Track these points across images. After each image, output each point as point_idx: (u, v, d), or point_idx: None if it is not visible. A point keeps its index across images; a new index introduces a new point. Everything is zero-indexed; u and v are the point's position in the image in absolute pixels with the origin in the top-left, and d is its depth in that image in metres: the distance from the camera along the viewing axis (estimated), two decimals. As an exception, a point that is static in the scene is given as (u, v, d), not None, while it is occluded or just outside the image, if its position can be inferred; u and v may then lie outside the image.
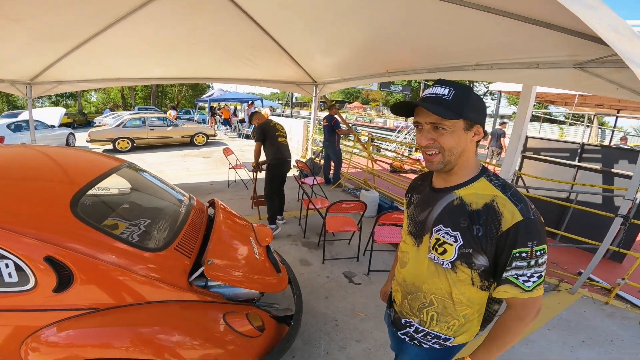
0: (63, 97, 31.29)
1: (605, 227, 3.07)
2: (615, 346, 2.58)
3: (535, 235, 0.91)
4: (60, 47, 4.34)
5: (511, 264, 0.93)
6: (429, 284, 1.09)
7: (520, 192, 0.98)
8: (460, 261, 1.00)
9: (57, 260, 1.37)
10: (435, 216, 1.05)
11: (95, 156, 2.42)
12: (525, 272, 0.92)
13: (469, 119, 0.95)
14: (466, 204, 0.99)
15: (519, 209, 0.92)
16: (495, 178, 1.02)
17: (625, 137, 10.97)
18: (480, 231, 0.95)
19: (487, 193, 0.97)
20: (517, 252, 0.91)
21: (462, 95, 0.94)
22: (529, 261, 0.91)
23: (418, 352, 1.22)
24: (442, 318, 1.10)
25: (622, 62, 2.37)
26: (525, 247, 0.91)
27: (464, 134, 0.97)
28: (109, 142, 10.48)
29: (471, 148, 1.01)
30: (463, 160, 1.01)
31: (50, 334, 1.37)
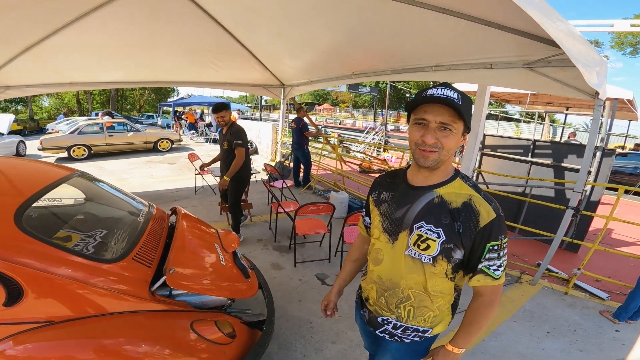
0: (12, 102, 29.04)
1: (559, 219, 3.24)
2: (579, 336, 2.70)
3: (504, 230, 1.03)
4: (5, 51, 4.03)
5: (485, 256, 1.03)
6: (407, 279, 1.14)
7: (488, 194, 1.09)
8: (441, 256, 1.06)
9: (4, 274, 1.31)
10: (416, 213, 1.09)
11: (42, 166, 2.27)
12: (495, 262, 1.04)
13: (467, 125, 1.03)
14: (447, 202, 1.06)
15: (492, 207, 1.02)
16: (467, 179, 1.11)
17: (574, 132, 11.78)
18: (461, 227, 1.03)
19: (463, 192, 1.06)
20: (491, 246, 1.02)
21: (468, 102, 1.02)
22: (499, 252, 1.03)
23: (399, 347, 1.25)
24: (418, 311, 1.16)
25: (567, 61, 2.56)
26: (497, 240, 1.02)
27: (460, 138, 1.03)
28: (63, 150, 9.82)
29: (454, 149, 1.07)
30: (448, 161, 1.08)
31: (6, 348, 1.31)
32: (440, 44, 3.30)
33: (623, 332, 2.78)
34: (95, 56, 4.68)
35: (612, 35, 21.94)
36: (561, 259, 4.07)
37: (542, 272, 3.46)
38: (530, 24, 2.28)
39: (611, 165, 4.25)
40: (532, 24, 2.25)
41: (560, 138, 13.02)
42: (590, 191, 4.36)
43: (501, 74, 3.06)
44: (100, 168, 8.58)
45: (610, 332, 2.77)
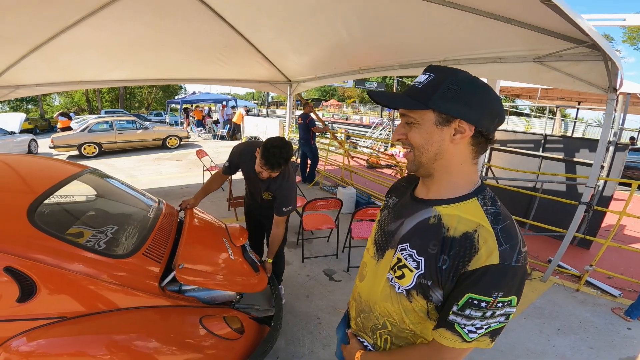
0: (23, 101, 29.55)
1: (571, 214, 3.20)
2: (590, 333, 2.67)
3: (506, 286, 0.72)
4: (15, 50, 4.09)
5: (463, 310, 0.74)
6: (381, 306, 0.92)
7: (517, 229, 0.76)
8: (416, 291, 0.82)
9: (17, 270, 1.33)
10: (405, 232, 0.87)
11: (54, 163, 2.32)
12: (476, 322, 0.74)
13: (439, 111, 0.75)
14: (443, 226, 0.79)
15: (500, 250, 0.71)
16: (491, 203, 0.80)
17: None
18: (447, 263, 0.76)
19: (472, 219, 0.77)
20: (475, 299, 0.72)
21: (436, 81, 0.75)
22: (486, 312, 0.72)
23: None
24: (396, 341, 0.93)
25: (579, 55, 2.52)
26: (488, 296, 0.71)
27: (436, 130, 0.77)
28: (74, 148, 9.98)
29: (454, 152, 0.79)
30: (440, 167, 0.81)
31: (20, 344, 1.33)
32: (448, 38, 3.26)
33: (634, 329, 2.73)
34: (103, 54, 4.73)
35: (624, 30, 21.44)
36: (573, 255, 4.01)
37: (553, 268, 3.41)
38: (541, 17, 2.24)
39: (624, 160, 4.16)
40: (542, 17, 2.22)
41: (572, 133, 12.79)
42: (602, 186, 4.28)
43: (511, 68, 3.01)
44: (111, 165, 8.70)
45: (622, 330, 2.73)
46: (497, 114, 0.77)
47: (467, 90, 0.74)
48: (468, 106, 0.74)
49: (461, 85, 0.74)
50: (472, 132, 0.76)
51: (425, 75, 0.78)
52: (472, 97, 0.74)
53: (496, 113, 0.77)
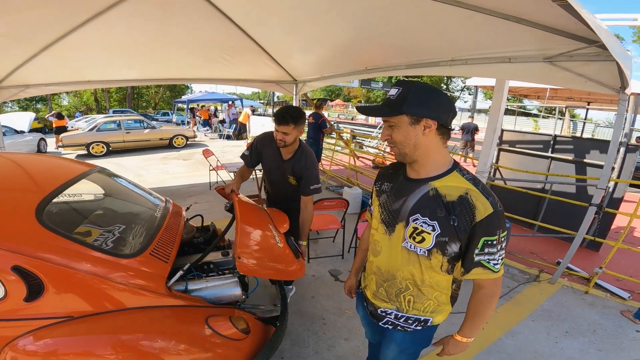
0: (32, 101, 29.97)
1: (580, 216, 3.15)
2: (598, 336, 2.64)
3: (502, 224, 1.03)
4: (24, 51, 4.14)
5: (483, 250, 1.03)
6: (404, 271, 1.17)
7: (487, 187, 1.07)
8: (436, 249, 1.08)
9: (25, 269, 1.33)
10: (412, 206, 1.11)
11: (62, 162, 2.32)
12: (494, 256, 1.05)
13: (410, 114, 1.03)
14: (441, 195, 1.06)
15: (490, 202, 1.01)
16: (466, 172, 1.09)
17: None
18: (456, 221, 1.03)
19: (460, 186, 1.05)
20: (488, 240, 1.02)
21: (407, 93, 1.03)
22: (497, 247, 1.03)
23: (403, 337, 1.31)
24: (418, 300, 1.20)
25: (590, 55, 2.48)
26: (495, 235, 1.02)
27: (411, 129, 1.04)
28: (82, 147, 10.10)
29: (427, 142, 1.06)
30: (421, 154, 1.08)
31: (27, 343, 1.33)
32: (456, 37, 3.22)
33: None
34: (111, 54, 4.76)
35: (634, 30, 21.08)
36: (582, 257, 3.95)
37: (562, 270, 3.37)
38: (552, 16, 2.20)
39: (635, 161, 4.09)
40: (553, 16, 2.18)
41: (582, 133, 12.62)
42: (613, 188, 4.21)
43: (520, 68, 2.97)
44: (118, 164, 8.78)
45: (631, 333, 2.69)
46: (449, 110, 1.06)
47: (426, 96, 1.03)
48: (428, 108, 1.03)
49: (422, 93, 1.03)
50: (436, 125, 1.04)
51: (396, 89, 1.06)
52: (430, 101, 1.03)
53: (449, 109, 1.06)
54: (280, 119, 2.13)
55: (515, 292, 3.22)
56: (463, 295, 1.24)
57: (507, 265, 3.74)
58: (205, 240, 2.29)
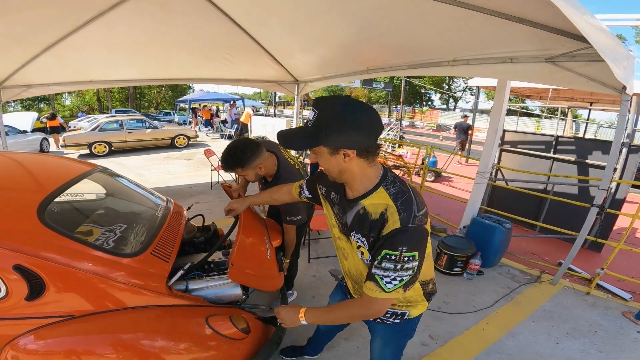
0: (35, 101, 30.08)
1: (582, 217, 3.14)
2: (599, 337, 2.64)
3: (408, 243, 1.00)
4: (27, 50, 4.16)
5: (381, 263, 1.02)
6: (364, 275, 1.18)
7: (412, 199, 1.05)
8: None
9: (26, 268, 1.34)
10: (349, 223, 1.17)
11: (64, 162, 2.33)
12: (390, 274, 1.01)
13: (327, 146, 1.00)
14: (368, 213, 1.08)
15: (401, 218, 1.00)
16: (392, 185, 1.08)
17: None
18: (374, 238, 1.07)
19: (382, 202, 1.05)
20: (388, 254, 1.00)
21: (323, 121, 0.98)
22: (397, 265, 1.00)
23: (384, 329, 1.40)
24: None
25: (592, 55, 2.46)
26: (397, 250, 0.99)
27: (331, 158, 1.02)
28: (84, 147, 10.13)
29: (351, 167, 1.05)
30: (348, 178, 1.09)
31: (27, 342, 1.34)
32: (457, 38, 3.22)
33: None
34: (113, 54, 4.78)
35: (636, 30, 20.98)
36: (583, 258, 3.94)
37: (564, 271, 3.36)
38: (553, 16, 2.19)
39: (637, 162, 4.08)
40: (554, 16, 2.17)
41: (584, 134, 12.58)
42: (615, 189, 4.20)
43: (522, 69, 2.96)
44: (120, 164, 8.81)
45: (632, 334, 2.69)
46: (370, 131, 1.00)
47: (343, 123, 0.96)
48: (346, 136, 0.98)
49: (338, 120, 0.96)
50: (355, 153, 1.01)
51: (312, 112, 1.01)
52: (347, 128, 0.97)
53: (369, 131, 1.00)
54: (224, 168, 2.00)
55: (516, 292, 3.21)
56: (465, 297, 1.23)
57: (508, 266, 3.73)
58: (206, 240, 2.29)
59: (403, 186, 1.08)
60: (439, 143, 15.87)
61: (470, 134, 10.52)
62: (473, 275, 3.42)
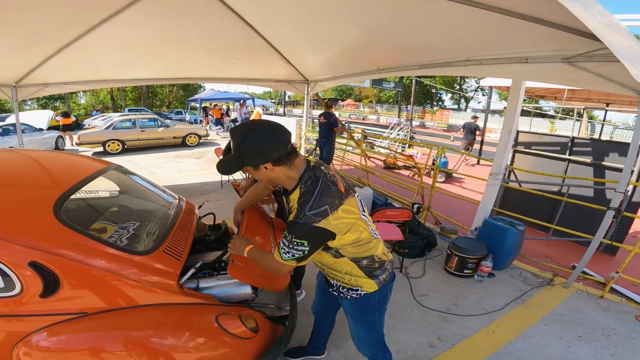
0: (51, 99, 30.78)
1: (598, 220, 3.08)
2: (612, 340, 2.58)
3: (294, 231, 1.29)
4: (43, 50, 4.26)
5: (282, 240, 1.34)
6: (317, 258, 1.51)
7: (310, 200, 1.29)
8: None
9: (42, 265, 1.35)
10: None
11: (80, 159, 2.37)
12: (285, 248, 1.33)
13: (249, 165, 1.29)
14: (290, 207, 1.36)
15: (294, 215, 1.30)
16: (304, 185, 1.33)
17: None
18: None
19: (294, 199, 1.32)
20: (285, 234, 1.32)
21: (237, 148, 1.27)
22: (288, 244, 1.31)
23: (349, 304, 1.63)
24: (336, 277, 1.57)
25: (610, 56, 2.39)
26: (288, 234, 1.30)
27: (258, 172, 1.31)
28: (99, 145, 10.34)
29: (275, 174, 1.31)
30: (278, 182, 1.37)
31: (40, 339, 1.36)
32: (470, 38, 3.17)
33: (661, 339, 2.61)
34: (127, 53, 4.86)
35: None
36: (597, 261, 3.85)
37: (577, 274, 3.29)
38: (569, 17, 2.14)
39: (656, 165, 3.95)
40: (570, 17, 2.11)
41: (600, 135, 12.28)
42: (632, 191, 4.09)
43: (538, 69, 2.89)
44: (133, 162, 8.95)
45: (646, 338, 2.62)
46: (276, 144, 1.26)
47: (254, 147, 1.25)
48: (260, 155, 1.26)
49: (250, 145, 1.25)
50: (272, 165, 1.28)
51: (232, 141, 1.30)
52: (258, 150, 1.25)
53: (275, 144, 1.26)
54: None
55: (528, 295, 3.16)
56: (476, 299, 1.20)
57: (520, 268, 3.67)
58: (216, 239, 2.31)
59: (311, 186, 1.32)
60: (449, 143, 15.69)
61: (478, 135, 10.53)
62: (484, 278, 3.38)
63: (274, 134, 1.28)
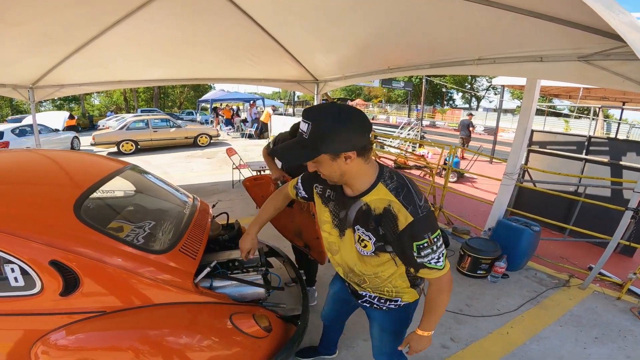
0: (66, 100, 31.48)
1: (615, 220, 3.03)
2: (629, 342, 2.55)
3: (428, 227, 1.10)
4: (60, 51, 4.34)
5: (419, 253, 1.11)
6: (359, 266, 1.33)
7: (412, 192, 1.13)
8: (378, 251, 1.22)
9: (62, 263, 1.37)
10: (352, 218, 1.23)
11: (98, 159, 2.42)
12: (433, 255, 1.12)
13: (328, 152, 1.05)
14: (371, 209, 1.16)
15: (409, 211, 1.08)
16: (390, 180, 1.16)
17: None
18: (382, 231, 1.15)
19: (384, 198, 1.13)
20: (419, 244, 1.10)
21: (318, 131, 1.03)
22: (432, 247, 1.11)
23: (382, 315, 1.50)
24: (378, 288, 1.39)
25: (628, 54, 2.35)
26: (423, 239, 1.09)
27: (333, 163, 1.08)
28: (113, 145, 10.53)
29: (352, 168, 1.11)
30: (349, 178, 1.15)
31: (59, 337, 1.37)
32: (483, 37, 3.12)
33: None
34: (140, 54, 4.92)
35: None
36: (614, 262, 3.77)
37: (594, 276, 3.23)
38: (585, 15, 2.10)
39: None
40: (586, 15, 2.07)
41: (616, 134, 11.98)
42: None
43: (553, 68, 2.84)
44: (146, 162, 9.10)
45: (663, 340, 2.56)
46: (363, 131, 1.08)
47: (338, 129, 1.02)
48: (344, 142, 1.05)
49: (334, 127, 1.02)
50: (355, 154, 1.08)
51: (306, 124, 1.04)
52: (343, 133, 1.03)
53: (363, 130, 1.07)
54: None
55: (543, 296, 3.11)
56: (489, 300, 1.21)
57: (534, 269, 3.61)
58: (230, 238, 2.33)
59: (401, 180, 1.16)
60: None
61: (471, 131, 10.97)
62: (498, 278, 3.33)
63: (363, 118, 1.08)
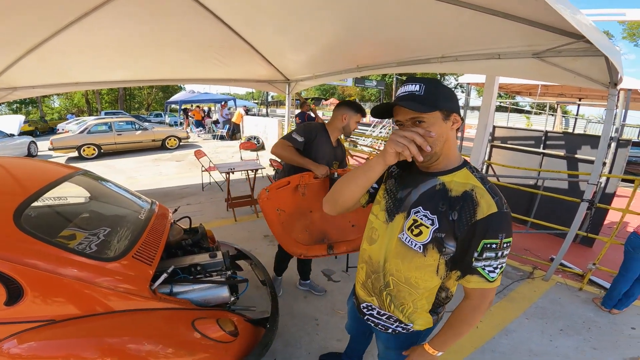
0: (23, 104, 29.60)
1: (573, 212, 3.15)
2: (593, 333, 2.63)
3: (506, 228, 0.96)
4: (11, 52, 4.06)
5: (482, 254, 0.97)
6: (392, 263, 1.13)
7: (496, 188, 1.02)
8: (432, 244, 1.03)
9: (3, 273, 1.31)
10: (416, 198, 1.08)
11: (45, 165, 2.29)
12: (492, 263, 0.98)
13: (444, 109, 0.99)
14: (447, 190, 1.02)
15: (495, 201, 0.96)
16: (476, 171, 1.06)
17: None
18: (456, 216, 0.99)
19: (467, 182, 1.01)
20: (488, 243, 0.96)
21: (434, 88, 0.98)
22: (497, 252, 0.96)
23: (387, 338, 1.30)
24: (396, 301, 1.16)
25: (577, 51, 2.48)
26: (497, 238, 0.95)
27: (443, 124, 0.99)
28: (73, 150, 9.96)
29: (452, 137, 1.04)
30: (446, 149, 1.03)
31: (11, 346, 1.32)
32: (445, 34, 3.21)
33: (639, 329, 2.69)
34: (98, 55, 4.68)
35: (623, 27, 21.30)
36: (575, 253, 3.96)
37: (556, 267, 3.37)
38: (537, 11, 2.19)
39: (626, 156, 4.12)
40: (538, 11, 2.17)
41: (573, 129, 12.72)
42: (605, 183, 4.24)
43: (510, 65, 2.96)
44: (110, 167, 8.67)
45: (626, 330, 2.69)
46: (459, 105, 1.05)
47: (452, 92, 1.03)
48: (454, 102, 1.02)
49: (445, 89, 1.01)
50: (459, 123, 1.03)
51: (415, 85, 0.99)
52: (455, 96, 1.03)
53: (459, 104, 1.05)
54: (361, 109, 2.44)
55: (509, 289, 3.21)
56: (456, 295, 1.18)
57: (500, 261, 3.74)
58: (193, 242, 2.26)
59: (485, 176, 1.07)
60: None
61: None
62: (465, 272, 3.42)
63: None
